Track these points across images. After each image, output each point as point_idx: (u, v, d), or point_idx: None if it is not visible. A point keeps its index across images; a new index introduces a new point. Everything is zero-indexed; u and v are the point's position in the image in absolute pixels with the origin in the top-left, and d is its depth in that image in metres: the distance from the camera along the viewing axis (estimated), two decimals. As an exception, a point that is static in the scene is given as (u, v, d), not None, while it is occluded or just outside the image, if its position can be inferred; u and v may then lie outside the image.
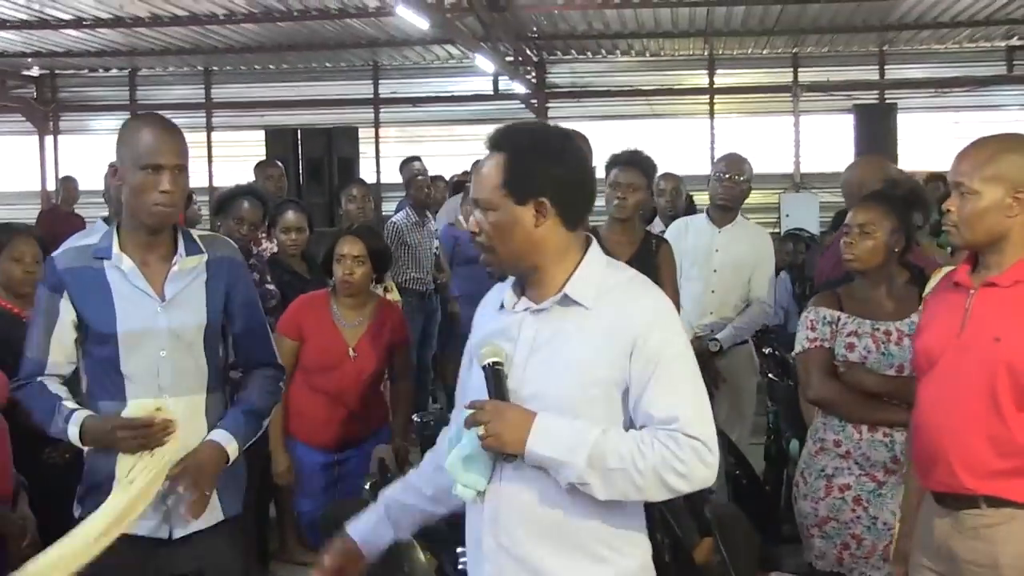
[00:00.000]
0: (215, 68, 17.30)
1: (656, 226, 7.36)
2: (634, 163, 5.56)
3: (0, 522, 4.25)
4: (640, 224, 5.85)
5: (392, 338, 5.38)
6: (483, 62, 14.03)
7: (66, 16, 13.23)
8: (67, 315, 3.50)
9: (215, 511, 3.57)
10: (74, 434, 3.43)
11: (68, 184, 13.89)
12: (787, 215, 15.14)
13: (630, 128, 15.32)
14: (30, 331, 3.59)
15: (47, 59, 16.26)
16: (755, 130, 15.93)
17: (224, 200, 6.16)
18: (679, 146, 15.27)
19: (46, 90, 17.76)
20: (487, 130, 2.84)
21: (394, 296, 7.49)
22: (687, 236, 6.31)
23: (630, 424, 2.64)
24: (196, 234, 3.65)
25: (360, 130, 16.37)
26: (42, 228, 9.87)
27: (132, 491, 3.38)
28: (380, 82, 17.18)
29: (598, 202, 3.11)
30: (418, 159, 10.05)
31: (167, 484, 3.42)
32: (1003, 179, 3.18)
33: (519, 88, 15.85)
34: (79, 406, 3.48)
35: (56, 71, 17.51)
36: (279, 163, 9.45)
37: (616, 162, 5.51)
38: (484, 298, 2.95)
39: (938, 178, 9.10)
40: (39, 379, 3.54)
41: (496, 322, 2.82)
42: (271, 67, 17.12)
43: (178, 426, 3.44)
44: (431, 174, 10.60)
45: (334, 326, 5.28)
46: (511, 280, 2.83)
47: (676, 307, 3.85)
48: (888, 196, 4.44)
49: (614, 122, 15.83)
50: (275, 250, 6.70)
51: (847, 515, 4.29)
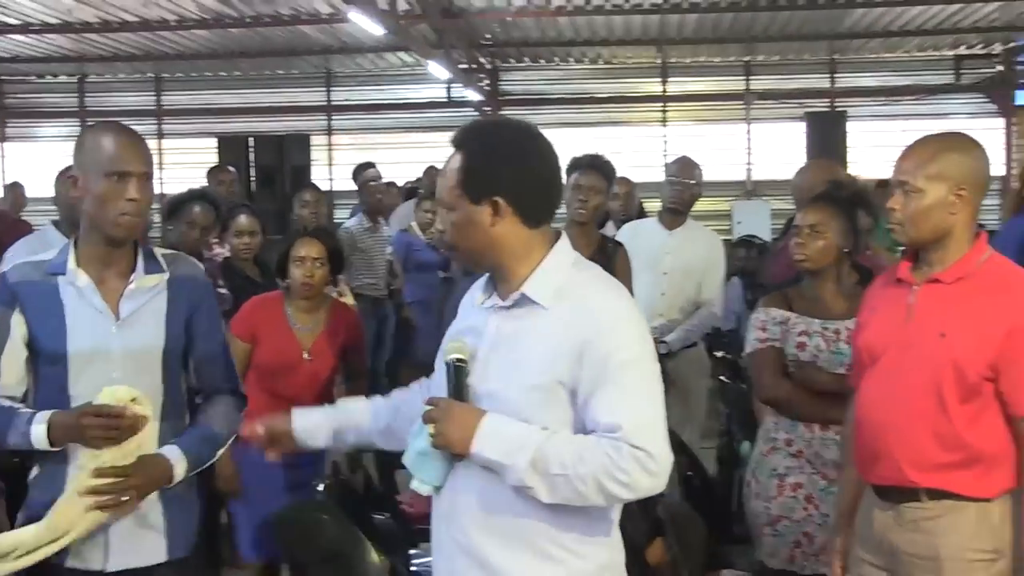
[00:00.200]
0: (166, 75, 17.22)
1: (608, 229, 7.38)
2: (595, 167, 5.59)
3: None
4: (596, 228, 5.86)
5: (347, 339, 5.30)
6: (436, 69, 14.04)
7: (13, 21, 13.11)
8: (18, 331, 3.25)
9: (158, 550, 3.32)
10: (40, 433, 3.12)
11: (16, 190, 13.69)
12: (739, 222, 15.25)
13: (584, 136, 15.34)
14: None
15: (-6, 65, 16.14)
16: (707, 137, 16.08)
17: (175, 204, 6.10)
18: (632, 153, 15.32)
19: (-7, 96, 17.62)
20: (440, 138, 2.84)
21: (349, 300, 7.47)
22: (637, 239, 6.32)
23: (582, 427, 2.61)
24: (159, 252, 3.42)
25: (313, 137, 16.36)
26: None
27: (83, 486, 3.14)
28: (333, 89, 17.19)
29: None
30: (372, 166, 10.04)
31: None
32: (946, 177, 3.23)
33: (473, 96, 15.89)
34: (34, 411, 3.19)
35: (3, 77, 17.35)
36: (231, 168, 9.41)
37: (577, 165, 5.51)
38: (470, 290, 2.93)
39: (888, 185, 9.14)
40: None
41: (470, 317, 2.83)
42: (223, 74, 17.06)
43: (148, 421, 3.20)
44: (384, 181, 10.58)
45: (288, 329, 5.17)
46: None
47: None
48: (835, 197, 4.50)
49: (568, 129, 15.79)
50: (228, 254, 6.66)
51: (799, 513, 4.31)
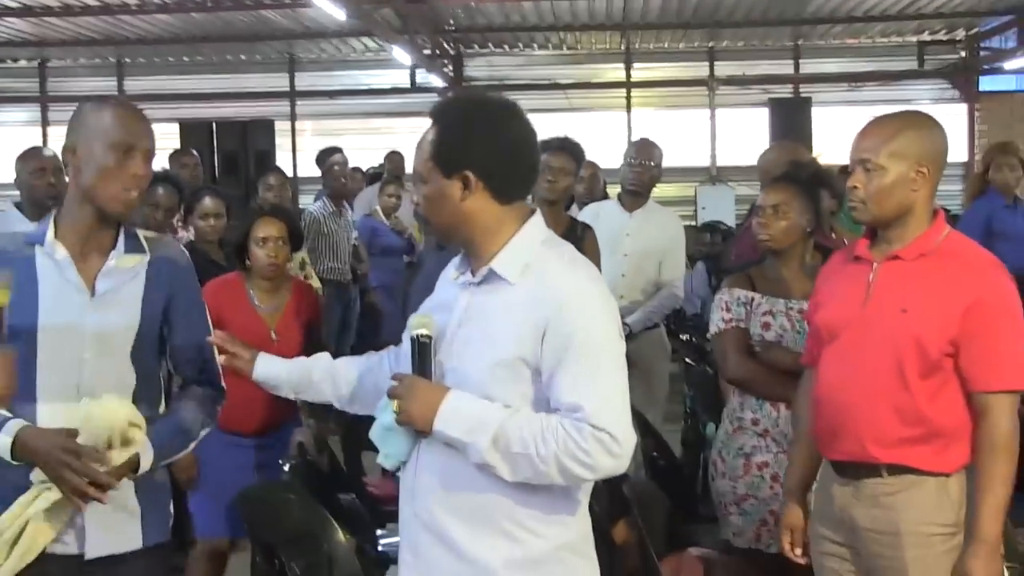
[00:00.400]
0: (128, 60, 17.09)
1: (571, 212, 7.41)
2: (565, 148, 5.63)
3: None
4: (564, 210, 5.89)
5: (310, 318, 5.25)
6: (400, 55, 14.02)
7: (-27, 5, 13.00)
8: None
9: (134, 537, 3.19)
10: (3, 445, 2.94)
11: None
12: (703, 207, 15.34)
13: (547, 122, 15.31)
14: None
15: (-47, 49, 15.96)
16: (672, 123, 16.11)
17: (139, 186, 6.08)
18: (596, 140, 15.30)
19: (-47, 81, 17.43)
20: (404, 124, 2.86)
21: (315, 283, 7.46)
22: (598, 221, 6.33)
23: (546, 405, 2.60)
24: (142, 234, 3.28)
25: (276, 123, 16.25)
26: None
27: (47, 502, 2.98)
28: (296, 75, 17.12)
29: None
30: (339, 150, 10.01)
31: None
32: (907, 154, 3.25)
33: (437, 81, 15.85)
34: (8, 413, 3.00)
35: (-37, 61, 17.20)
36: (194, 152, 9.36)
37: (547, 147, 5.50)
38: (448, 265, 2.91)
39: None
40: None
41: (442, 293, 2.83)
42: (185, 59, 16.96)
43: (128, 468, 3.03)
44: (350, 167, 10.54)
45: (252, 310, 5.07)
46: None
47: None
48: (796, 177, 4.53)
49: (531, 116, 15.59)
50: (191, 238, 6.63)
51: (765, 492, 4.32)
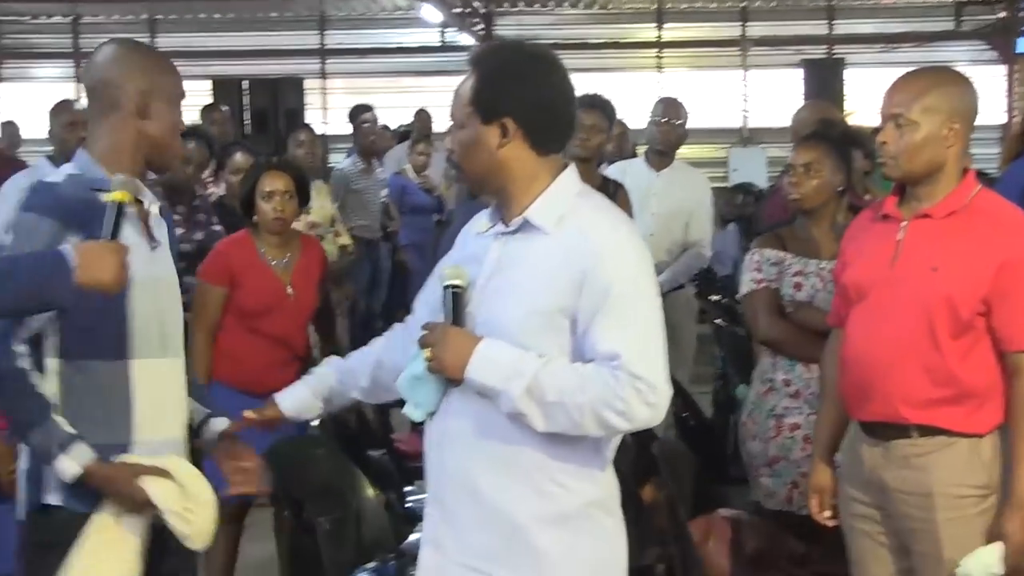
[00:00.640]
0: (160, 16, 17.06)
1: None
2: (596, 105, 5.60)
3: None
4: (596, 167, 5.87)
5: (320, 272, 5.20)
6: (430, 12, 13.95)
7: (7, -40, 13.02)
8: None
9: None
10: (70, 471, 2.74)
11: (11, 129, 13.66)
12: (735, 169, 15.22)
13: (577, 82, 15.23)
14: None
15: (-11, 5, 16.01)
16: (703, 84, 15.95)
17: (169, 140, 6.09)
18: (627, 101, 15.22)
19: (-12, 37, 17.49)
20: (433, 82, 2.85)
21: (345, 240, 7.47)
22: (625, 179, 6.31)
23: (581, 355, 2.58)
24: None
25: (306, 81, 16.24)
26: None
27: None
28: (326, 33, 17.04)
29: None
30: (370, 108, 10.01)
31: None
32: (940, 110, 3.21)
33: (466, 40, 15.79)
34: (75, 432, 2.77)
35: (-2, 17, 17.25)
36: (224, 108, 9.38)
37: (579, 104, 5.47)
38: (472, 220, 2.90)
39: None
40: (17, 360, 2.76)
41: (472, 245, 2.81)
42: (217, 16, 16.92)
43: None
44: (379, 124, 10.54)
45: (266, 267, 5.00)
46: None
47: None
48: (826, 136, 4.50)
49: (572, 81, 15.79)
50: (222, 193, 6.65)
51: (797, 454, 4.30)
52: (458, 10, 15.23)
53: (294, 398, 3.14)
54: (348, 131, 10.00)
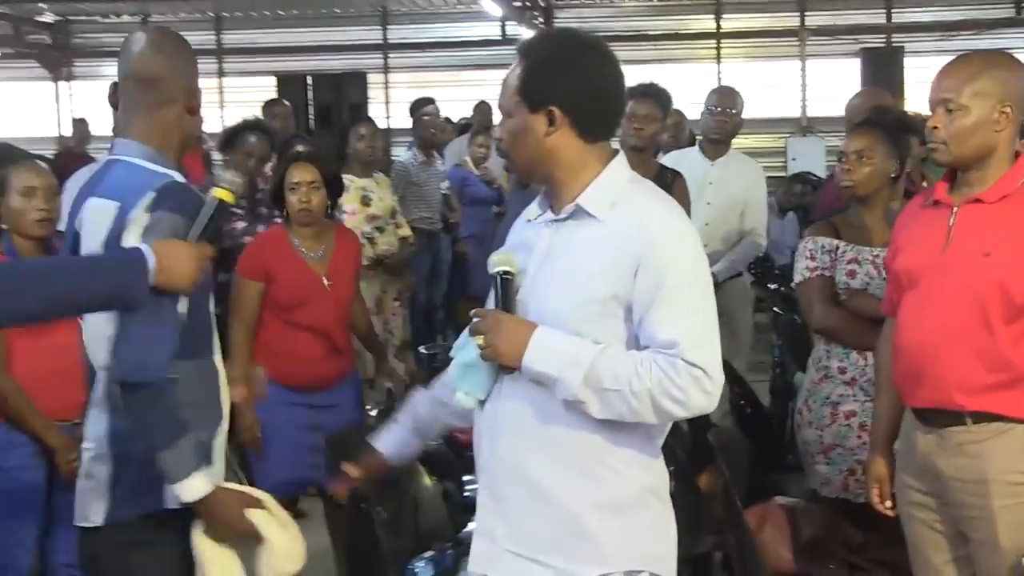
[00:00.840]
0: (226, 14, 17.28)
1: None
2: (650, 94, 5.61)
3: (51, 436, 4.23)
4: (652, 156, 5.88)
5: (356, 263, 5.21)
6: (490, 6, 14.01)
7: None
8: None
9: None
10: (196, 491, 2.76)
11: (81, 126, 13.95)
12: (794, 159, 15.15)
13: (636, 73, 15.24)
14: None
15: (61, 5, 16.29)
16: (762, 75, 15.88)
17: (231, 134, 6.23)
18: (685, 92, 15.22)
19: (60, 36, 17.74)
20: (494, 76, 2.87)
21: (405, 232, 7.54)
22: (681, 169, 6.34)
23: (635, 342, 2.58)
24: None
25: (369, 75, 16.35)
26: (57, 169, 9.90)
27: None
28: (389, 27, 17.16)
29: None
30: (431, 101, 10.06)
31: None
32: (990, 94, 3.18)
33: (527, 33, 15.81)
34: (198, 460, 2.80)
35: (70, 17, 17.49)
36: (286, 102, 9.48)
37: (632, 94, 5.41)
38: (523, 210, 2.90)
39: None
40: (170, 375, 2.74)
41: (521, 233, 2.82)
42: (281, 13, 17.05)
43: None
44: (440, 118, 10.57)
45: (300, 259, 4.99)
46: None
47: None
48: (879, 123, 4.47)
49: (621, 67, 15.78)
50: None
51: (853, 441, 4.29)
52: (519, 4, 15.28)
53: (392, 443, 3.14)
54: (411, 125, 10.06)
